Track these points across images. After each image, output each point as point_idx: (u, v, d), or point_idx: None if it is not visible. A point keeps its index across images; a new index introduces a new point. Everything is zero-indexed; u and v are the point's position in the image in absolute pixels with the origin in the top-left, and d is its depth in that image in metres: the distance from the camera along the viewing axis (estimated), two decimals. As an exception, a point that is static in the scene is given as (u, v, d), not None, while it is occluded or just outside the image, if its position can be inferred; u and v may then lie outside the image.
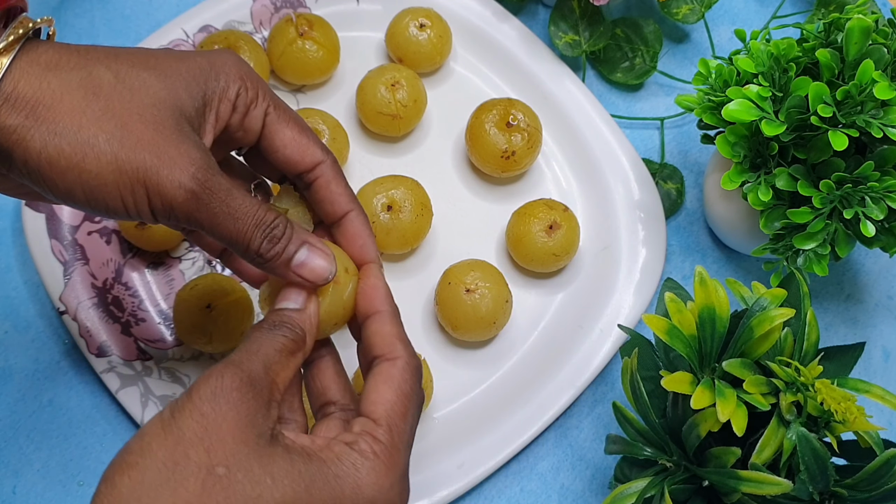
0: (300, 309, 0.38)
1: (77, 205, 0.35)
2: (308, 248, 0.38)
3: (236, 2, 0.64)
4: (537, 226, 0.57)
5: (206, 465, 0.31)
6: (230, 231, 0.36)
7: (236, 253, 0.37)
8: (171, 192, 0.34)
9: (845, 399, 0.40)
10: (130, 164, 0.34)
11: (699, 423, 0.42)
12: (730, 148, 0.51)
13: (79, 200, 0.34)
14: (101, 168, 0.33)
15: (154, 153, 0.34)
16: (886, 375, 0.61)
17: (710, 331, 0.44)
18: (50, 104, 0.33)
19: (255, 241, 0.37)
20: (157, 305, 0.57)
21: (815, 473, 0.41)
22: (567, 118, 0.64)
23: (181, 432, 0.31)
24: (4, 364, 0.56)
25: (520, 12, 0.69)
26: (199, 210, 0.35)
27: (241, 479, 0.31)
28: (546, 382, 0.56)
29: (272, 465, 0.32)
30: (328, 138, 0.58)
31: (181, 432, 0.31)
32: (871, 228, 0.48)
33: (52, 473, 0.54)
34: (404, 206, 0.57)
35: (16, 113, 0.33)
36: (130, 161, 0.34)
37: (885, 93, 0.46)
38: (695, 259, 0.63)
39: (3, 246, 0.59)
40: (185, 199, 0.34)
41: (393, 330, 0.38)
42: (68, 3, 0.67)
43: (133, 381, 0.54)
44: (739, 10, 0.71)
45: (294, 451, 0.33)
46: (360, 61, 0.65)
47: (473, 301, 0.55)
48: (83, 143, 0.33)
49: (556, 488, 0.56)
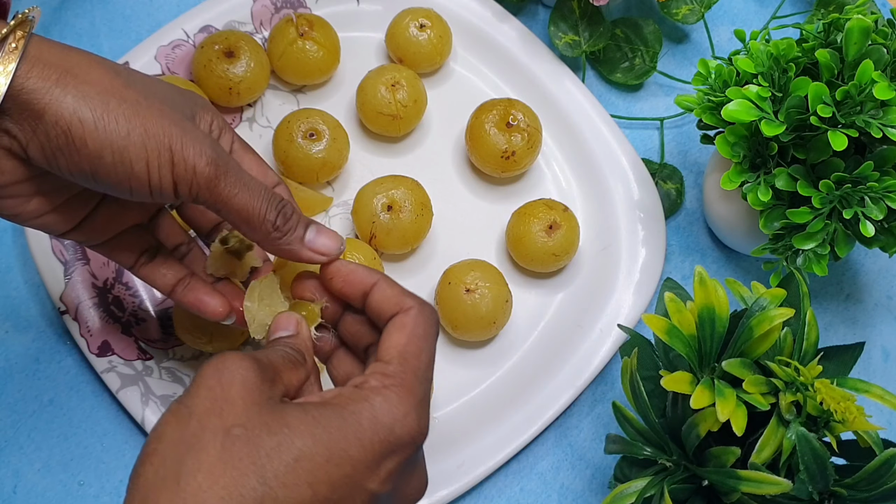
0: (294, 334, 0.39)
1: (100, 174, 0.35)
2: (315, 227, 0.41)
3: (237, 2, 0.64)
4: (537, 226, 0.57)
5: (222, 429, 0.31)
6: (246, 203, 0.38)
7: (246, 230, 0.39)
8: (194, 159, 0.36)
9: (845, 399, 0.40)
10: (157, 130, 0.35)
11: (699, 423, 0.42)
12: (729, 148, 0.51)
13: (105, 164, 0.35)
14: (131, 129, 0.35)
15: (177, 125, 0.36)
16: (886, 375, 0.61)
17: (709, 331, 0.44)
18: (77, 72, 0.35)
19: (270, 213, 0.39)
20: (157, 305, 0.57)
21: (815, 473, 0.41)
22: (567, 118, 0.64)
23: (190, 410, 0.32)
24: (5, 364, 0.56)
25: (520, 12, 0.69)
26: (220, 179, 0.37)
27: (258, 433, 0.31)
28: (546, 382, 0.56)
29: (286, 416, 0.32)
30: (328, 138, 0.58)
31: (190, 410, 0.32)
32: (870, 228, 0.48)
33: (52, 473, 0.54)
34: (404, 206, 0.57)
35: (47, 75, 0.34)
36: (157, 126, 0.36)
37: (884, 93, 0.46)
38: (694, 259, 0.63)
39: (3, 246, 0.59)
40: (206, 164, 0.36)
41: (394, 290, 0.39)
42: (68, 3, 0.67)
43: (133, 380, 0.54)
44: (739, 11, 0.71)
45: (306, 403, 0.34)
46: (360, 61, 0.65)
47: (473, 301, 0.55)
48: (114, 107, 0.35)
49: (556, 488, 0.56)
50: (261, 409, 0.32)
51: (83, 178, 0.36)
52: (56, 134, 0.34)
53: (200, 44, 0.61)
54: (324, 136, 0.58)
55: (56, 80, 0.34)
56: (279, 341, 0.39)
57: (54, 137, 0.35)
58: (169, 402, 0.53)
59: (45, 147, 0.35)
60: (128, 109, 0.35)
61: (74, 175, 0.36)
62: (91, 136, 0.34)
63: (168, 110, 0.37)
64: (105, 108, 0.35)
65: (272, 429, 0.32)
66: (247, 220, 0.38)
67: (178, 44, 0.62)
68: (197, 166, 0.36)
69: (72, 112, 0.34)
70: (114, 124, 0.35)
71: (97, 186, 0.37)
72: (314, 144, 0.58)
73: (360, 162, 0.63)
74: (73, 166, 0.35)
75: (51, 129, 0.34)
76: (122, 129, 0.35)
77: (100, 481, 0.54)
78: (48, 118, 0.34)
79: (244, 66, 0.60)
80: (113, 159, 0.35)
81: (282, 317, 0.40)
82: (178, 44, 0.62)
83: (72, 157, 0.35)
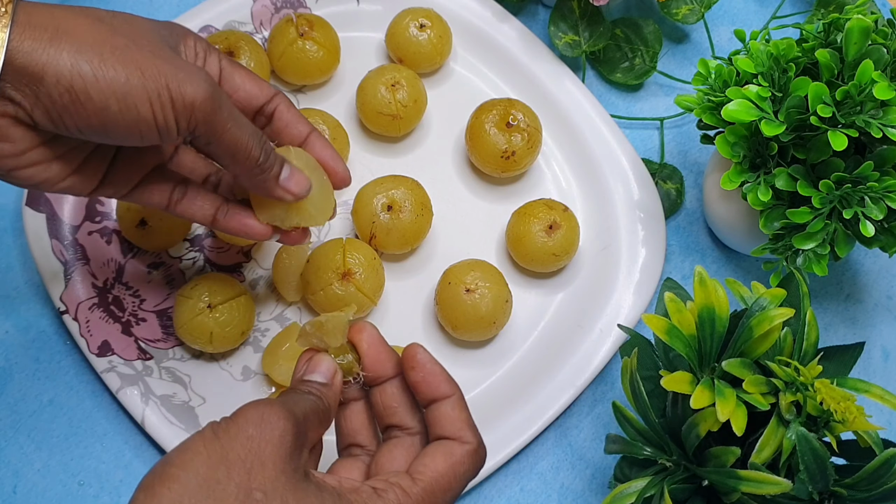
0: (327, 384, 0.38)
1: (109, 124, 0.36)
2: (288, 167, 0.44)
3: (237, 2, 0.64)
4: (537, 226, 0.57)
5: (246, 488, 0.31)
6: (237, 138, 0.40)
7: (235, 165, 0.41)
8: (192, 93, 0.37)
9: (845, 399, 0.40)
10: (152, 70, 0.36)
11: (699, 423, 0.42)
12: (729, 148, 0.51)
13: (112, 113, 0.36)
14: (129, 73, 0.36)
15: (169, 63, 0.37)
16: (886, 375, 0.61)
17: (709, 330, 0.44)
18: (66, 28, 0.35)
19: (255, 148, 0.41)
20: (157, 305, 0.57)
21: (815, 473, 0.41)
22: (567, 118, 0.64)
23: (224, 451, 0.32)
24: (5, 364, 0.56)
25: (520, 12, 0.69)
26: (215, 112, 0.38)
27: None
28: (546, 382, 0.56)
29: (305, 498, 0.32)
30: (328, 138, 0.58)
31: (224, 451, 0.32)
32: (870, 228, 0.48)
33: (52, 473, 0.54)
34: (404, 206, 0.57)
35: (39, 36, 0.35)
36: (152, 68, 0.36)
37: (884, 93, 0.46)
38: (694, 259, 0.63)
39: (3, 246, 0.59)
40: (204, 98, 0.37)
41: (462, 415, 0.38)
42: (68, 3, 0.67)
43: (133, 380, 0.54)
44: (739, 11, 0.71)
45: (325, 489, 0.33)
46: (360, 61, 0.65)
47: (473, 301, 0.55)
48: (108, 55, 0.35)
49: (556, 488, 0.56)
50: (287, 480, 0.32)
51: (93, 133, 0.37)
52: (59, 93, 0.35)
53: (200, 44, 0.61)
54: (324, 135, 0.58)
55: (49, 40, 0.35)
56: (310, 386, 0.37)
57: (58, 97, 0.35)
58: (169, 403, 0.54)
59: (51, 109, 0.35)
60: (122, 55, 0.36)
61: (84, 132, 0.36)
62: (94, 88, 0.35)
63: (157, 48, 0.37)
64: (101, 58, 0.35)
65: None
66: (234, 154, 0.40)
67: (178, 44, 0.62)
68: (195, 101, 0.37)
69: (70, 68, 0.35)
70: (112, 72, 0.35)
71: (108, 139, 0.37)
72: (314, 144, 0.58)
73: (359, 162, 0.63)
74: (81, 122, 0.36)
75: (53, 90, 0.35)
76: (120, 76, 0.35)
77: (100, 481, 0.54)
78: (48, 79, 0.34)
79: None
80: (119, 107, 0.36)
81: (322, 359, 0.39)
82: (178, 44, 0.62)
83: (78, 114, 0.35)
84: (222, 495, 0.31)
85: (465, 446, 0.37)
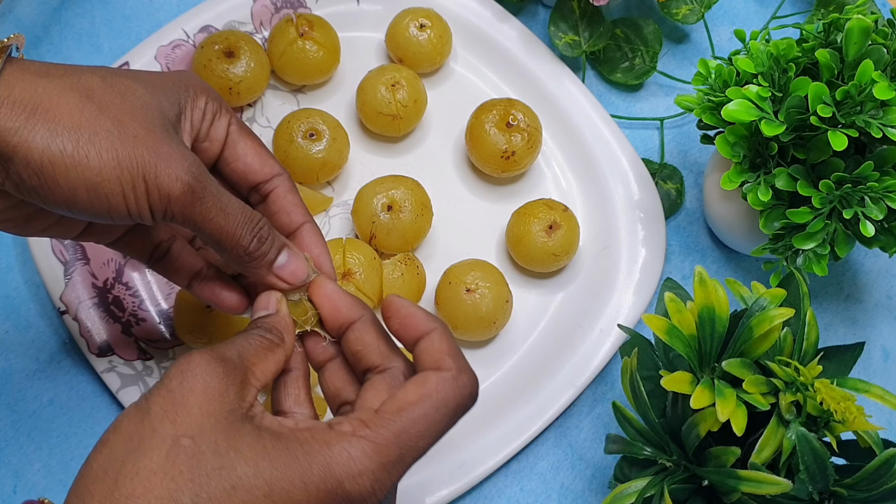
0: (272, 313, 0.39)
1: (77, 208, 0.35)
2: (287, 251, 0.40)
3: (237, 2, 0.64)
4: (537, 226, 0.57)
5: (172, 436, 0.31)
6: (222, 227, 0.37)
7: (222, 252, 0.38)
8: (168, 186, 0.35)
9: (845, 399, 0.40)
10: (130, 160, 0.34)
11: (699, 423, 0.42)
12: (729, 148, 0.51)
13: (80, 200, 0.34)
14: (103, 164, 0.34)
15: (151, 150, 0.35)
16: (886, 375, 0.61)
17: (709, 331, 0.44)
18: (48, 106, 0.34)
19: (244, 238, 0.38)
20: (157, 305, 0.57)
21: (815, 473, 0.41)
22: (567, 118, 0.64)
23: (149, 408, 0.32)
24: (4, 364, 0.56)
25: (520, 12, 0.69)
26: (195, 204, 0.36)
27: (204, 451, 0.31)
28: (546, 382, 0.56)
29: (238, 439, 0.32)
30: (328, 138, 0.58)
31: (149, 408, 0.32)
32: (870, 228, 0.48)
33: (52, 473, 0.54)
34: (404, 206, 0.57)
35: (15, 115, 0.33)
36: (130, 157, 0.34)
37: (884, 93, 0.46)
38: (694, 259, 0.63)
39: (3, 246, 0.59)
40: (181, 192, 0.35)
41: (443, 346, 0.36)
42: (68, 3, 0.67)
43: (134, 380, 0.54)
44: (739, 11, 0.71)
45: (265, 429, 0.33)
46: (360, 61, 0.65)
47: (473, 301, 0.55)
48: (84, 142, 0.34)
49: (556, 488, 0.56)
50: (216, 423, 0.32)
51: (62, 211, 0.36)
52: (28, 175, 0.34)
53: (200, 44, 0.61)
54: (324, 136, 0.58)
55: (26, 119, 0.33)
56: (256, 323, 0.38)
57: (27, 178, 0.34)
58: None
59: (20, 185, 0.34)
60: (99, 143, 0.34)
61: (53, 209, 0.35)
62: (63, 176, 0.34)
63: (145, 130, 0.35)
64: (75, 144, 0.34)
65: (219, 448, 0.31)
66: (219, 241, 0.38)
67: (178, 44, 0.62)
68: (171, 193, 0.35)
69: (41, 152, 0.33)
70: (85, 161, 0.34)
71: (78, 217, 0.36)
72: (314, 144, 0.58)
73: (360, 162, 0.63)
74: (49, 202, 0.35)
75: (22, 171, 0.34)
76: (93, 165, 0.34)
77: (100, 481, 0.54)
78: (18, 160, 0.33)
79: (244, 66, 0.60)
80: (88, 195, 0.34)
81: (261, 296, 0.39)
82: (178, 44, 0.62)
83: (46, 196, 0.34)
84: (148, 449, 0.31)
85: (441, 373, 0.35)
